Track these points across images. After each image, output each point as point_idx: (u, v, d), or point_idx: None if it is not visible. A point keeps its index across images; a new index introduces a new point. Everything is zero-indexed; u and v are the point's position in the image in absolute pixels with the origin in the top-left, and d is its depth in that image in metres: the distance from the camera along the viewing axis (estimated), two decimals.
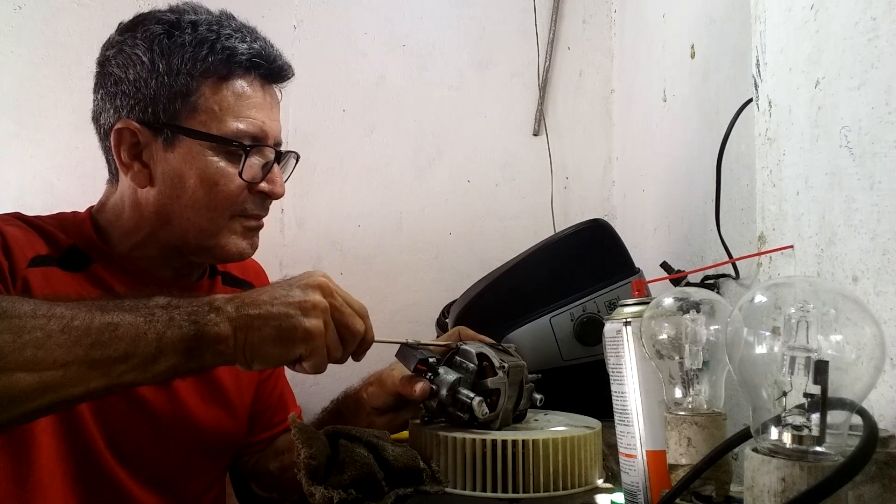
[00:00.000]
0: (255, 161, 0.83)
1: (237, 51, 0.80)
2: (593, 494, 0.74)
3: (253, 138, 0.82)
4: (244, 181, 0.81)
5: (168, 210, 0.81)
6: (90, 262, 0.81)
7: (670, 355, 0.57)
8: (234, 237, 0.84)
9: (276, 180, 0.85)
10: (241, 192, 0.82)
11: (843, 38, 0.61)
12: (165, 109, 0.79)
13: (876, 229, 0.57)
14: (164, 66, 0.78)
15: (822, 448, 0.41)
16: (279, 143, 0.87)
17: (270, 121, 0.84)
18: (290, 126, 1.92)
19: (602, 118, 1.90)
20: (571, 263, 1.10)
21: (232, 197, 0.82)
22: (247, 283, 1.02)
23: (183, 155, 0.79)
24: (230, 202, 0.82)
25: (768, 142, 0.76)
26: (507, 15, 1.91)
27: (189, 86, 0.79)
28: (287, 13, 1.94)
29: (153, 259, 0.85)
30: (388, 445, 0.73)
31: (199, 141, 0.79)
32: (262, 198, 0.85)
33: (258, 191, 0.84)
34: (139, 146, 0.80)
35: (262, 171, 0.83)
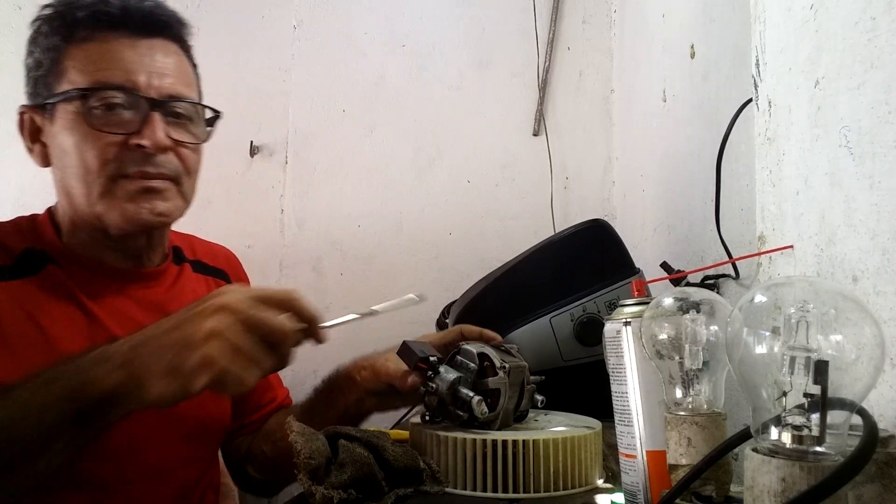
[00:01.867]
0: (126, 114, 0.77)
1: (93, 8, 0.77)
2: (593, 494, 0.74)
3: (119, 89, 0.76)
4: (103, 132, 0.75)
5: (65, 186, 0.79)
6: (47, 262, 0.79)
7: (670, 355, 0.57)
8: (121, 202, 0.77)
9: (152, 130, 0.77)
10: (117, 151, 0.76)
11: (843, 37, 0.61)
12: (45, 84, 0.78)
13: (876, 229, 0.57)
14: (40, 46, 0.79)
15: (822, 448, 0.41)
16: (172, 97, 0.80)
17: (140, 69, 0.77)
18: (290, 126, 1.92)
19: (602, 118, 1.90)
20: (571, 263, 1.10)
21: (102, 155, 0.76)
22: (219, 271, 0.99)
23: (61, 123, 0.77)
24: (101, 161, 0.76)
25: (768, 142, 0.76)
26: (507, 15, 1.91)
27: (57, 56, 0.78)
28: (287, 13, 1.94)
29: (91, 246, 0.82)
30: (388, 445, 0.73)
31: (64, 104, 0.76)
32: (142, 154, 0.77)
33: (134, 146, 0.77)
34: (37, 128, 0.80)
35: (140, 123, 0.77)
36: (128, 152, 0.77)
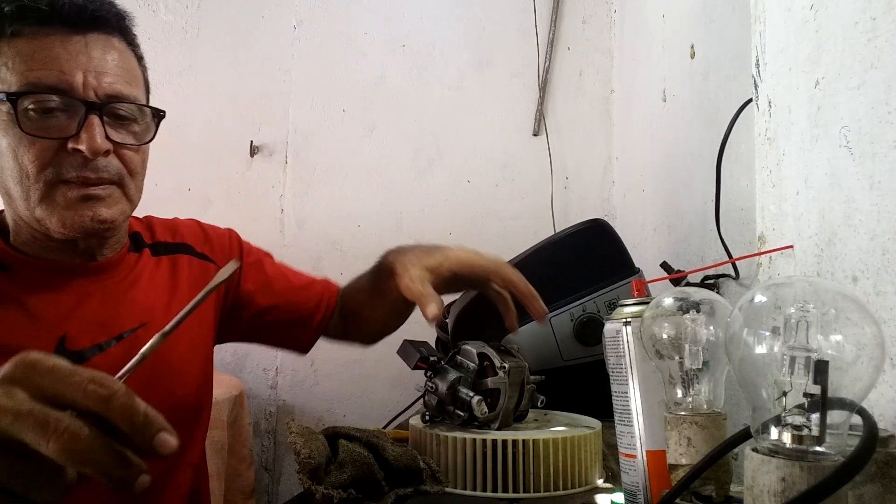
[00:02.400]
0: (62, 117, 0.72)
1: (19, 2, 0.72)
2: (593, 494, 0.74)
3: (52, 89, 0.71)
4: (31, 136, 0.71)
5: (3, 185, 0.75)
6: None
7: (670, 355, 0.57)
8: (60, 209, 0.73)
9: (91, 134, 0.72)
10: (47, 154, 0.72)
11: (843, 38, 0.61)
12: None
13: (876, 229, 0.57)
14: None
15: (822, 448, 0.41)
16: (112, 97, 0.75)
17: (75, 70, 0.72)
18: (290, 126, 1.93)
19: (602, 118, 1.91)
20: (571, 263, 1.10)
21: (39, 160, 0.72)
22: (181, 245, 0.95)
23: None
24: (39, 167, 0.72)
25: (768, 142, 0.76)
26: (507, 15, 1.91)
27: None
28: (287, 13, 1.94)
29: (37, 246, 0.78)
30: (388, 445, 0.73)
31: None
32: (81, 159, 0.73)
33: (73, 150, 0.72)
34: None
35: (77, 126, 0.72)
36: (66, 156, 0.73)
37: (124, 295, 0.83)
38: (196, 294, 0.87)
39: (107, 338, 0.80)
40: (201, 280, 0.93)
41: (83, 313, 0.79)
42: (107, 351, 0.79)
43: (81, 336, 0.78)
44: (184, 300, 0.89)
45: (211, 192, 1.94)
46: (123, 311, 0.82)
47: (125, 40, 0.80)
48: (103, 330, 0.80)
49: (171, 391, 0.85)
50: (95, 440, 0.40)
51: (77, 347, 0.77)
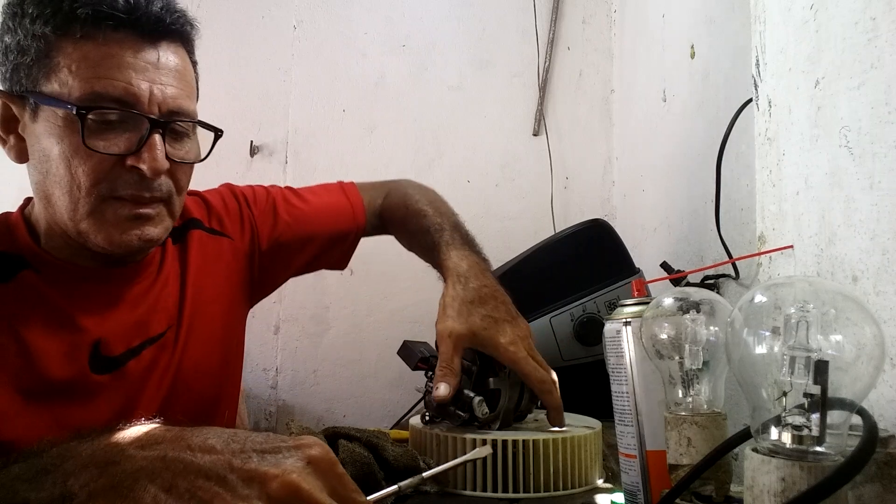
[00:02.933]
0: (124, 131, 0.70)
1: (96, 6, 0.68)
2: (593, 494, 0.74)
3: (117, 102, 0.69)
4: (96, 152, 0.69)
5: (45, 191, 0.72)
6: (22, 267, 0.74)
7: (670, 355, 0.57)
8: (107, 225, 0.71)
9: (153, 154, 0.70)
10: (106, 168, 0.70)
11: (843, 38, 0.61)
12: (28, 75, 0.69)
13: (876, 229, 0.57)
14: (23, 29, 0.69)
15: (822, 448, 0.41)
16: (179, 113, 0.73)
17: (144, 82, 0.70)
18: (290, 126, 1.92)
19: (602, 118, 1.90)
20: (571, 264, 1.10)
21: (94, 174, 0.69)
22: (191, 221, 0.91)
23: (45, 125, 0.70)
24: (94, 181, 0.69)
25: (768, 142, 0.76)
26: (507, 15, 1.91)
27: (44, 47, 0.68)
28: (287, 13, 1.94)
29: (68, 252, 0.76)
30: (388, 445, 0.73)
31: (55, 108, 0.69)
32: (137, 176, 0.71)
33: (130, 167, 0.70)
34: (14, 119, 0.72)
35: (137, 143, 0.70)
36: (122, 172, 0.71)
37: (154, 295, 0.82)
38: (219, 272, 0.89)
39: (139, 341, 0.79)
40: (213, 259, 0.90)
41: (116, 319, 0.78)
42: (140, 355, 0.79)
43: (115, 342, 0.77)
44: (197, 287, 0.86)
45: None
46: (154, 314, 0.82)
47: (188, 49, 0.78)
48: (135, 334, 0.79)
49: (190, 386, 0.84)
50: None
51: (112, 353, 0.77)
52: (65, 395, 0.73)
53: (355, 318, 1.83)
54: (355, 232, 1.06)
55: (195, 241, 0.90)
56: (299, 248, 1.00)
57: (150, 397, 0.80)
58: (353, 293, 1.84)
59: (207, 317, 0.87)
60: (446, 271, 0.88)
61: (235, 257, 0.94)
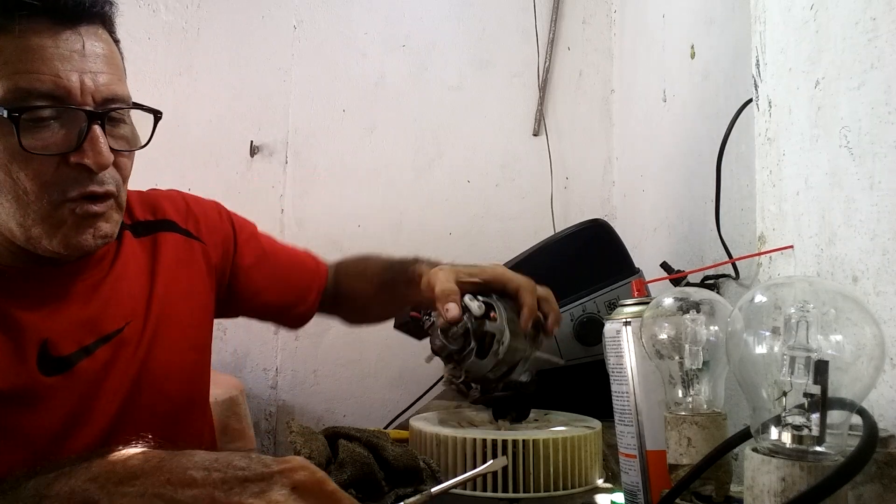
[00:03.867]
0: (60, 127, 0.65)
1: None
2: (593, 494, 0.74)
3: (47, 97, 0.64)
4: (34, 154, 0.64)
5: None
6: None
7: (670, 355, 0.57)
8: (63, 230, 0.67)
9: (95, 147, 0.65)
10: (51, 170, 0.65)
11: (843, 38, 0.61)
12: None
13: (876, 229, 0.57)
14: None
15: (822, 448, 0.41)
16: (111, 101, 0.68)
17: (72, 72, 0.64)
18: (290, 126, 1.93)
19: (602, 118, 1.91)
20: (571, 263, 1.10)
21: (40, 178, 0.65)
22: (164, 222, 0.87)
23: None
24: (41, 186, 0.65)
25: (768, 142, 0.76)
26: (507, 15, 1.91)
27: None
28: (287, 13, 1.94)
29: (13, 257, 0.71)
30: (388, 445, 0.73)
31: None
32: (87, 172, 0.66)
33: (76, 164, 0.66)
34: None
35: (77, 138, 0.65)
36: (67, 171, 0.66)
37: (108, 290, 0.77)
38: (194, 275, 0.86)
39: (92, 339, 0.74)
40: (186, 260, 0.87)
41: (65, 315, 0.73)
42: (94, 354, 0.74)
43: (65, 340, 0.72)
44: (167, 284, 0.83)
45: (211, 192, 1.93)
46: (108, 309, 0.76)
47: (108, 29, 0.71)
48: (88, 331, 0.74)
49: (158, 386, 0.80)
50: None
51: (61, 353, 0.72)
52: (14, 400, 0.68)
53: None
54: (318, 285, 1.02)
55: (168, 241, 0.86)
56: (265, 289, 0.97)
57: (107, 399, 0.75)
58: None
59: (177, 316, 0.83)
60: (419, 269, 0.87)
61: (207, 264, 0.90)
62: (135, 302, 0.79)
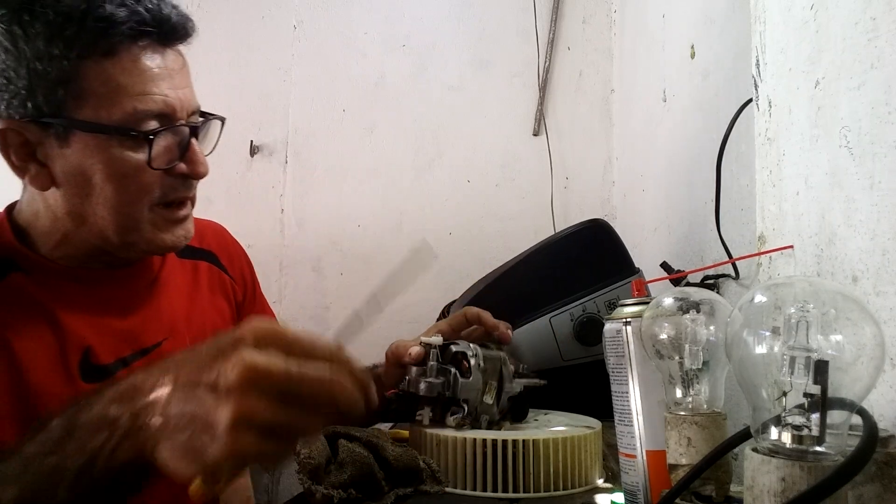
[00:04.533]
0: (166, 142, 0.72)
1: (115, 19, 0.66)
2: (593, 494, 0.74)
3: (158, 116, 0.70)
4: (158, 169, 0.71)
5: (80, 210, 0.71)
6: (9, 270, 0.72)
7: (670, 355, 0.57)
8: (157, 231, 0.74)
9: (196, 158, 0.74)
10: (157, 180, 0.72)
11: (843, 38, 0.61)
12: (48, 100, 0.66)
13: (876, 229, 0.57)
14: (32, 51, 0.65)
15: (822, 448, 0.41)
16: (195, 112, 0.75)
17: (176, 90, 0.71)
18: (290, 126, 1.92)
19: (602, 118, 1.90)
20: (571, 263, 1.10)
21: (146, 188, 0.71)
22: (207, 252, 0.93)
23: (81, 149, 0.68)
24: (144, 194, 0.72)
25: (768, 142, 0.76)
26: (507, 15, 1.91)
27: (67, 69, 0.65)
28: (287, 13, 1.94)
29: (78, 258, 0.76)
30: (388, 445, 0.73)
31: (97, 133, 0.68)
32: (182, 180, 0.74)
33: (177, 173, 0.73)
34: (30, 145, 0.69)
35: (179, 150, 0.72)
36: (170, 180, 0.73)
37: (148, 304, 0.81)
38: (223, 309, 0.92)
39: (131, 352, 0.77)
40: (219, 291, 0.92)
41: (107, 325, 0.76)
42: (130, 366, 0.76)
43: (105, 350, 0.75)
44: (203, 309, 0.88)
45: (211, 192, 1.94)
46: (147, 323, 0.79)
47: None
48: (127, 343, 0.77)
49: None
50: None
51: (101, 362, 0.74)
52: (54, 401, 0.69)
53: None
54: None
55: (206, 270, 0.92)
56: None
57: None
58: (353, 293, 1.84)
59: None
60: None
61: (234, 299, 0.95)
62: (173, 320, 0.82)
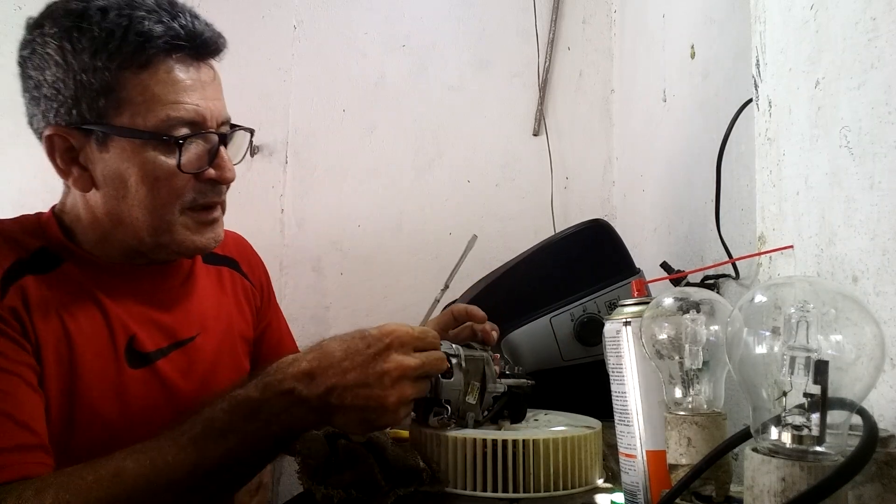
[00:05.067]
0: (196, 148, 0.78)
1: (153, 34, 0.73)
2: (593, 494, 0.74)
3: (189, 124, 0.76)
4: (187, 173, 0.77)
5: (117, 211, 0.78)
6: (61, 261, 0.78)
7: (670, 355, 0.57)
8: (188, 233, 0.80)
9: (224, 165, 0.80)
10: (187, 184, 0.78)
11: (843, 38, 0.61)
12: (91, 108, 0.74)
13: (876, 229, 0.57)
14: (79, 63, 0.72)
15: (822, 448, 0.41)
16: (225, 122, 0.82)
17: (206, 101, 0.78)
18: (290, 126, 1.93)
19: (602, 118, 1.90)
20: (571, 264, 1.10)
21: (177, 191, 0.77)
22: (229, 259, 0.99)
23: (118, 154, 0.75)
24: (176, 197, 0.78)
25: (768, 142, 0.76)
26: (507, 15, 1.91)
27: (108, 80, 0.73)
28: (287, 13, 1.94)
29: (117, 257, 0.82)
30: (388, 445, 0.73)
31: (131, 138, 0.75)
32: (211, 184, 0.80)
33: (206, 178, 0.79)
34: (74, 150, 0.76)
35: (208, 156, 0.79)
36: (199, 185, 0.79)
37: (182, 301, 0.87)
38: (245, 312, 0.98)
39: (168, 343, 0.83)
40: (242, 295, 0.98)
41: (147, 316, 0.82)
42: (168, 356, 0.83)
43: (147, 339, 0.81)
44: (229, 310, 0.94)
45: None
46: (182, 319, 0.86)
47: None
48: (165, 335, 0.83)
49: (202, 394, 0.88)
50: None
51: (144, 349, 0.81)
52: (103, 383, 0.77)
53: (355, 318, 1.83)
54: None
55: (229, 275, 0.97)
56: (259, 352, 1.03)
57: (180, 397, 0.83)
58: (353, 293, 1.84)
59: (233, 338, 0.94)
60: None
61: (253, 304, 1.01)
62: (204, 317, 0.89)
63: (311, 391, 0.67)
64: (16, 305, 0.71)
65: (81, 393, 0.75)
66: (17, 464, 0.64)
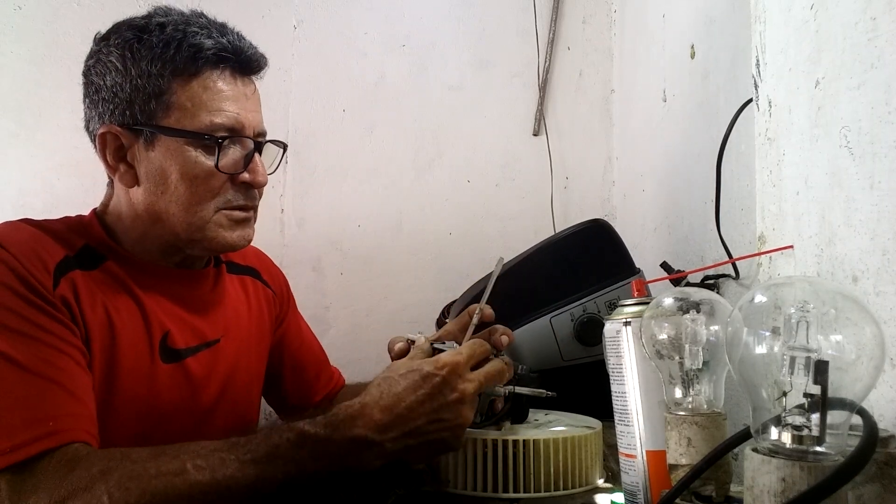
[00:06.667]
0: (233, 152, 0.85)
1: (203, 47, 0.83)
2: (593, 494, 0.74)
3: (229, 130, 0.84)
4: (223, 173, 0.84)
5: (156, 207, 0.84)
6: (104, 258, 0.84)
7: (670, 355, 0.57)
8: (221, 230, 0.85)
9: (257, 170, 0.87)
10: (222, 185, 0.84)
11: (843, 38, 0.61)
12: (142, 110, 0.82)
13: (876, 229, 0.57)
14: (136, 70, 0.81)
15: (822, 448, 0.41)
16: (261, 134, 0.89)
17: (245, 111, 0.86)
18: (290, 126, 1.92)
19: (602, 118, 1.90)
20: (571, 263, 1.10)
21: (213, 190, 0.84)
22: (250, 268, 1.05)
23: (163, 152, 0.82)
24: (211, 195, 0.84)
25: (768, 142, 0.76)
26: (507, 15, 1.91)
27: (161, 85, 0.81)
28: (287, 13, 1.94)
29: (155, 253, 0.88)
30: None
31: (176, 137, 0.82)
32: (245, 188, 0.87)
33: (240, 182, 0.86)
34: (123, 148, 0.84)
35: (244, 161, 0.85)
36: (234, 187, 0.85)
37: (211, 306, 0.93)
38: (263, 319, 1.03)
39: (197, 343, 0.89)
40: (264, 303, 1.03)
41: (179, 315, 0.88)
42: (197, 355, 0.88)
43: (180, 337, 0.86)
44: (252, 317, 1.00)
45: None
46: (210, 321, 0.91)
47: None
48: (195, 335, 0.89)
49: (241, 392, 0.95)
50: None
51: (176, 346, 0.86)
52: (138, 375, 0.82)
53: (355, 318, 1.83)
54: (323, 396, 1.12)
55: (252, 284, 1.03)
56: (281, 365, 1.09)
57: (207, 393, 0.89)
58: (353, 293, 1.84)
59: (254, 343, 0.99)
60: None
61: (274, 312, 1.07)
62: (228, 322, 0.94)
63: (384, 437, 0.68)
64: (67, 295, 0.76)
65: (120, 381, 0.80)
66: (71, 429, 0.68)
